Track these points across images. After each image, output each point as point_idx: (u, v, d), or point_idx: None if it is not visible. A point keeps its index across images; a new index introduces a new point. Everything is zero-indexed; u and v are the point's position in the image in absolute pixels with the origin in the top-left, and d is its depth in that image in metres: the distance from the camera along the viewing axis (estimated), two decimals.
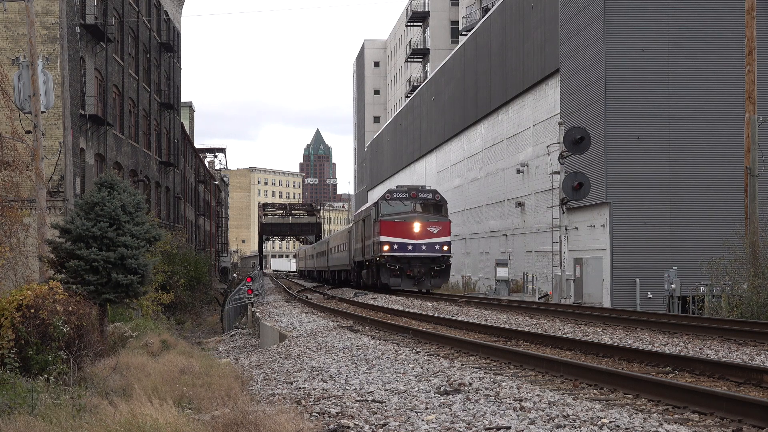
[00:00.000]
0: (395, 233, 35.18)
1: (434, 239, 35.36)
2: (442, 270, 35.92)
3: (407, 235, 35.19)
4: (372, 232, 37.48)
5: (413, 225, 35.27)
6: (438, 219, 35.95)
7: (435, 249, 35.34)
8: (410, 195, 36.49)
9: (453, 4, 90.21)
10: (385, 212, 36.22)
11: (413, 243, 35.20)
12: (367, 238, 39.40)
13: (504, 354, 12.70)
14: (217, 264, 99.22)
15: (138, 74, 50.74)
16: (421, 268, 35.29)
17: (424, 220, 35.50)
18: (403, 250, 35.17)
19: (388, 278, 35.32)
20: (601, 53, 34.56)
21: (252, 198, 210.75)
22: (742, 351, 12.32)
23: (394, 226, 35.30)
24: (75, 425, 7.90)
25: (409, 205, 36.31)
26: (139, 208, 18.77)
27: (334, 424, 8.12)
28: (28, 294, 14.12)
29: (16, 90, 23.10)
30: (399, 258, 35.17)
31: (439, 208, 36.71)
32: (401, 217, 35.61)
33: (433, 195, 36.81)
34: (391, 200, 36.56)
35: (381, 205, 36.67)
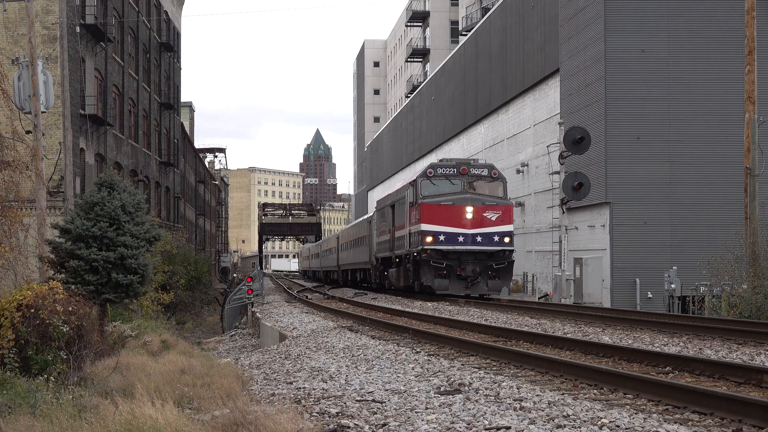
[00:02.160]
0: (441, 220, 27.91)
1: (492, 228, 27.98)
2: (503, 269, 28.28)
3: (457, 223, 27.80)
4: (407, 220, 30.19)
5: (464, 210, 28.02)
6: (497, 202, 28.53)
7: (493, 241, 27.92)
8: (459, 170, 28.80)
9: (453, 4, 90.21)
10: (426, 193, 28.77)
11: (465, 233, 27.90)
12: (397, 227, 32.48)
13: (504, 354, 12.70)
14: (217, 264, 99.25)
15: (138, 74, 50.74)
16: (475, 266, 27.72)
17: (479, 204, 28.14)
18: (451, 242, 27.80)
19: (432, 279, 27.73)
20: (601, 53, 34.57)
21: (252, 198, 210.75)
22: (742, 351, 12.32)
23: (440, 212, 28.02)
24: (75, 425, 7.90)
25: (458, 183, 28.72)
26: (139, 208, 18.79)
27: (334, 424, 8.12)
28: (28, 294, 14.13)
29: (16, 90, 23.10)
30: (446, 253, 27.75)
31: (497, 188, 29.17)
32: (448, 200, 28.32)
33: (488, 170, 29.21)
34: (434, 177, 28.84)
35: (421, 184, 28.87)
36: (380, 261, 37.12)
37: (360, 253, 45.01)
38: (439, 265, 27.85)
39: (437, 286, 27.99)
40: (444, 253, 27.89)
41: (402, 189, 32.59)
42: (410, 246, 29.71)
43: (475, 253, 27.93)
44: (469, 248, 27.93)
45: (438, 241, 27.89)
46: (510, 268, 28.62)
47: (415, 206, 29.19)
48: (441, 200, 28.46)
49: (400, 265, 32.40)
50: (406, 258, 30.74)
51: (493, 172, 29.26)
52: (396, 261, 32.89)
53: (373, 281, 41.19)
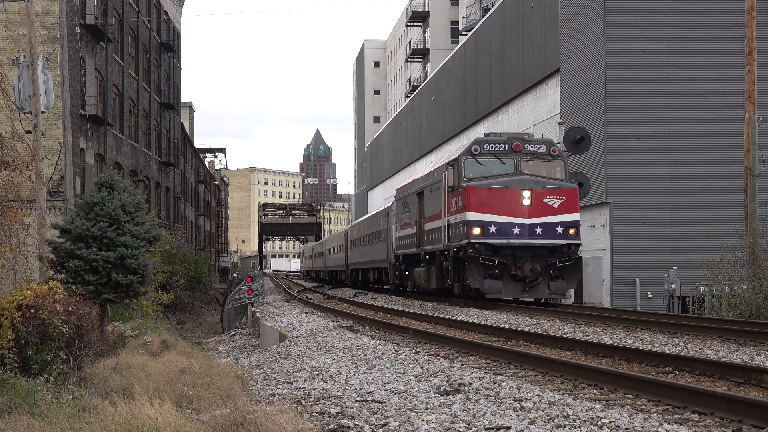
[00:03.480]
0: (491, 208, 23.16)
1: (555, 217, 23.28)
2: (568, 267, 23.37)
3: (511, 211, 23.13)
4: (445, 208, 25.45)
5: (521, 194, 23.18)
6: (559, 185, 23.61)
7: (556, 233, 23.14)
8: (512, 147, 23.87)
9: (453, 4, 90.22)
10: (472, 174, 23.80)
11: (521, 223, 23.12)
12: (428, 218, 27.71)
13: (504, 354, 12.70)
14: (217, 264, 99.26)
15: (138, 74, 50.75)
16: (534, 264, 22.91)
17: (539, 187, 23.35)
18: (504, 234, 23.02)
19: (480, 280, 22.87)
20: (601, 53, 34.57)
21: (252, 198, 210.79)
22: (742, 351, 12.32)
23: (490, 197, 23.23)
24: (75, 425, 7.90)
25: (510, 162, 23.86)
26: (139, 208, 18.79)
27: (334, 424, 8.12)
28: (28, 294, 14.13)
29: (16, 90, 23.11)
30: (498, 247, 22.92)
31: (558, 167, 24.22)
32: (501, 182, 23.42)
33: (547, 147, 24.22)
34: (481, 155, 23.94)
35: (465, 164, 23.91)
36: (402, 259, 32.36)
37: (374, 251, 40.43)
38: (489, 262, 22.77)
39: (487, 288, 22.85)
40: (495, 248, 22.94)
41: (435, 172, 27.22)
42: (450, 239, 24.70)
43: (534, 247, 23.12)
44: (527, 242, 23.03)
45: (488, 233, 22.94)
46: (577, 267, 23.69)
47: (457, 191, 24.12)
48: (492, 183, 23.36)
49: (431, 263, 27.50)
50: (443, 255, 25.74)
51: (552, 149, 24.16)
52: (426, 258, 27.93)
53: (390, 282, 36.28)
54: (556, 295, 23.65)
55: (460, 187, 23.84)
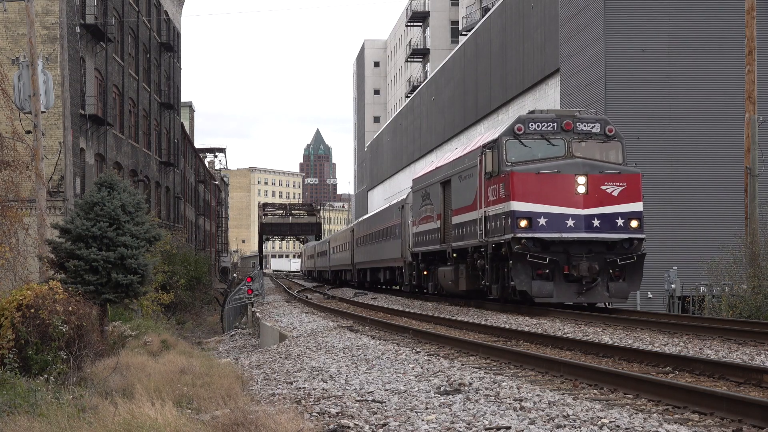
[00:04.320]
0: (540, 196, 20.07)
1: (614, 207, 20.25)
2: (631, 266, 20.23)
3: (564, 200, 20.07)
4: (480, 198, 22.23)
5: (575, 181, 20.14)
6: (619, 169, 20.67)
7: (616, 225, 20.15)
8: (562, 126, 20.83)
9: (453, 4, 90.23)
10: (516, 157, 20.69)
11: (576, 214, 20.05)
12: (456, 211, 24.63)
13: (504, 354, 12.70)
14: (217, 264, 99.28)
15: (138, 74, 50.75)
16: (592, 263, 19.80)
17: (596, 172, 20.36)
18: (556, 227, 19.93)
19: (528, 281, 19.76)
20: (601, 53, 34.58)
21: (252, 198, 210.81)
22: (742, 351, 12.32)
23: (539, 184, 20.17)
24: (75, 425, 7.90)
25: (560, 143, 20.80)
26: (139, 208, 18.80)
27: (334, 424, 8.12)
28: (28, 294, 14.14)
29: (16, 90, 23.11)
30: (549, 243, 19.88)
31: (614, 150, 21.27)
32: (551, 167, 20.32)
33: (602, 126, 21.17)
34: (526, 135, 20.83)
35: (508, 145, 20.80)
36: (420, 257, 29.35)
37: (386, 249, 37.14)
38: (539, 260, 19.64)
39: (537, 291, 19.71)
40: (545, 244, 19.86)
41: (466, 157, 24.04)
42: (487, 234, 21.53)
43: (591, 243, 20.06)
44: (583, 236, 19.94)
45: (536, 226, 19.86)
46: (640, 266, 20.32)
47: (497, 178, 20.96)
48: (540, 168, 20.29)
49: (459, 261, 24.52)
50: (477, 252, 22.78)
51: (608, 129, 21.10)
52: (453, 257, 24.88)
53: (406, 283, 33.09)
54: (616, 298, 20.35)
55: (502, 172, 20.64)
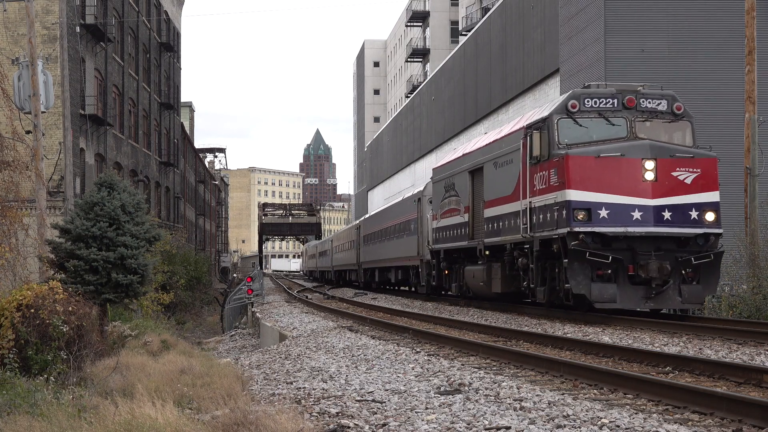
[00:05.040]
0: (601, 184, 17.34)
1: (688, 197, 17.58)
2: (707, 265, 17.56)
3: (628, 188, 17.37)
4: (524, 187, 19.47)
5: (641, 166, 17.44)
6: (692, 153, 18.00)
7: (689, 218, 17.49)
8: (623, 102, 18.23)
9: (453, 4, 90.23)
10: (569, 139, 18.04)
11: (643, 205, 17.35)
12: (489, 203, 21.98)
13: (504, 354, 12.71)
14: (217, 264, 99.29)
15: (138, 74, 50.76)
16: (662, 262, 17.06)
17: (666, 155, 17.64)
18: (619, 220, 17.24)
19: (587, 283, 17.04)
20: (601, 53, 34.58)
21: (252, 198, 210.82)
22: (742, 351, 12.32)
23: (598, 169, 17.41)
24: (75, 425, 7.90)
25: (621, 123, 18.14)
26: (139, 208, 18.80)
27: (334, 424, 8.12)
28: (28, 294, 14.13)
29: (16, 90, 23.10)
30: (610, 238, 17.23)
31: (683, 131, 18.66)
32: (613, 149, 17.59)
33: (669, 103, 18.61)
34: (581, 113, 18.19)
35: (560, 125, 18.15)
36: (443, 255, 26.72)
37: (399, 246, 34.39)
38: (600, 259, 16.92)
39: (597, 294, 16.98)
40: (607, 240, 17.20)
41: (503, 141, 21.33)
42: (533, 228, 18.86)
43: (660, 238, 17.35)
44: (651, 230, 17.26)
45: (597, 219, 17.18)
46: (717, 266, 17.73)
47: (546, 163, 18.27)
48: (601, 150, 17.59)
49: (493, 260, 21.94)
50: (518, 249, 20.13)
51: (676, 106, 18.55)
52: (485, 255, 22.27)
53: (422, 283, 30.61)
54: (690, 304, 17.69)
55: (554, 156, 17.90)
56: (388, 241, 37.68)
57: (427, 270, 29.55)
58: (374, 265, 41.78)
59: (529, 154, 19.18)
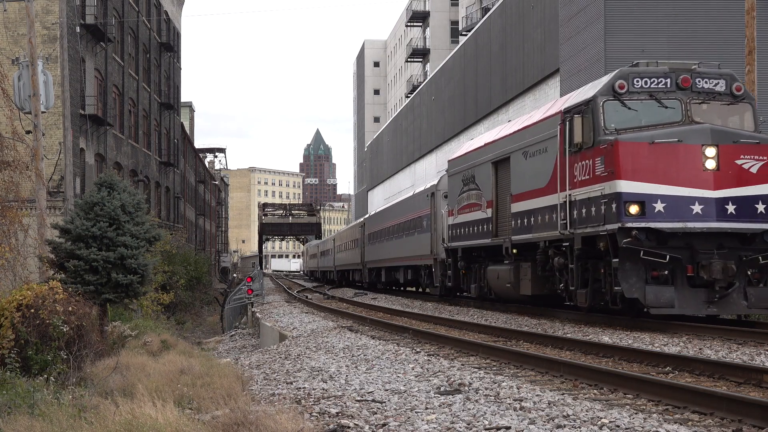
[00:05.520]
0: (655, 173, 15.65)
1: (754, 188, 15.86)
2: None
3: (687, 179, 15.66)
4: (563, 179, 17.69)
5: (701, 153, 15.72)
6: (757, 138, 16.22)
7: (756, 213, 15.78)
8: (677, 82, 16.42)
9: (453, 4, 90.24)
10: (617, 123, 16.31)
11: (705, 197, 15.64)
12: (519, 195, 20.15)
13: (504, 354, 12.71)
14: (217, 264, 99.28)
15: (138, 74, 50.76)
16: (726, 262, 15.37)
17: (728, 141, 15.87)
18: (677, 214, 15.52)
19: (641, 286, 15.38)
20: (601, 53, 34.58)
21: (252, 198, 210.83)
22: (742, 351, 12.33)
23: (652, 157, 15.68)
24: (75, 425, 7.91)
25: (676, 105, 16.39)
26: (139, 208, 18.80)
27: (334, 424, 8.12)
28: (28, 294, 14.14)
29: (16, 90, 23.10)
30: (667, 235, 15.49)
31: (743, 114, 16.92)
32: (668, 135, 15.87)
33: (727, 83, 16.78)
34: (630, 94, 16.45)
35: (606, 108, 16.43)
36: (461, 254, 24.99)
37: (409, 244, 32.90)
38: (656, 259, 15.26)
39: (653, 299, 15.26)
40: (663, 236, 15.49)
41: (535, 127, 19.55)
42: (573, 224, 17.11)
43: (723, 235, 15.64)
44: (714, 226, 15.55)
45: (652, 213, 15.50)
46: None
47: (591, 150, 16.51)
48: (656, 136, 15.82)
49: (522, 259, 20.32)
50: (553, 247, 18.38)
51: (736, 87, 16.77)
52: (512, 253, 20.65)
53: (436, 284, 28.88)
54: (757, 309, 16.01)
55: (600, 142, 16.19)
56: (396, 239, 36.17)
57: (442, 270, 27.81)
58: (380, 264, 40.16)
59: (568, 141, 17.47)
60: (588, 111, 16.77)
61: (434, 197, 29.73)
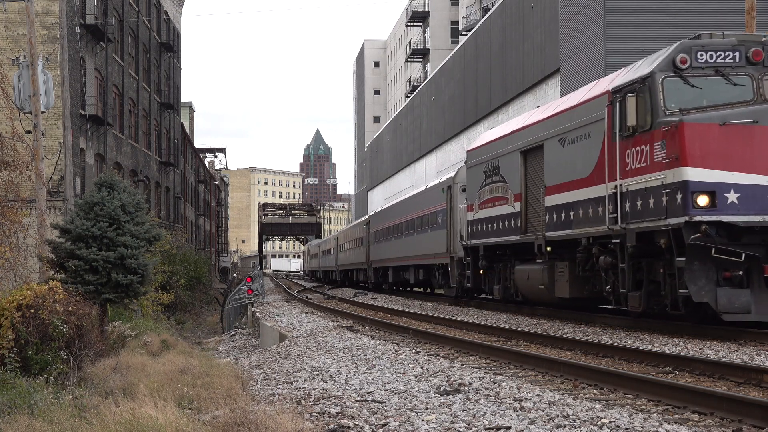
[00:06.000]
0: (726, 160, 13.88)
1: None
2: None
3: (763, 166, 13.89)
4: (612, 166, 15.75)
5: None
6: None
7: None
8: (747, 56, 14.61)
9: (453, 4, 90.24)
10: (677, 103, 14.52)
11: None
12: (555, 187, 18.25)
13: (504, 354, 12.71)
14: (217, 264, 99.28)
15: (138, 74, 50.76)
16: None
17: None
18: (754, 205, 13.79)
19: (711, 288, 13.58)
20: (601, 53, 34.58)
21: (252, 198, 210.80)
22: (742, 351, 12.32)
23: (723, 141, 13.90)
24: (75, 425, 7.91)
25: (745, 82, 14.50)
26: (139, 208, 18.82)
27: (334, 424, 8.12)
28: (28, 294, 14.14)
29: (16, 90, 23.10)
30: (742, 230, 13.72)
31: None
32: (741, 116, 14.09)
33: None
34: (693, 70, 14.58)
35: (666, 85, 14.59)
36: (482, 252, 22.97)
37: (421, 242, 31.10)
38: (730, 257, 13.47)
39: (726, 303, 13.50)
40: (738, 231, 13.74)
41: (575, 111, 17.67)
42: (624, 218, 15.21)
43: None
44: None
45: (724, 204, 13.73)
46: None
47: (648, 134, 14.66)
48: (727, 116, 14.01)
49: (557, 257, 18.46)
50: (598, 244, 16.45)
51: None
52: (545, 252, 18.79)
53: (453, 284, 27.04)
54: None
55: (661, 125, 14.32)
56: (406, 236, 34.17)
57: (459, 269, 25.76)
58: (387, 264, 38.25)
59: (618, 124, 15.51)
60: (644, 89, 14.81)
61: (451, 191, 27.59)
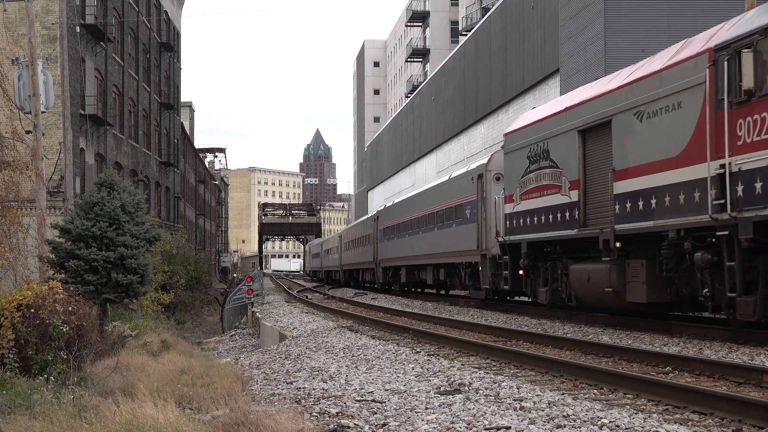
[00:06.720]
0: None
1: None
2: None
3: None
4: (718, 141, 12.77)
5: None
6: None
7: None
8: None
9: (453, 4, 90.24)
10: None
11: None
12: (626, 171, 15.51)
13: (504, 354, 12.71)
14: (217, 264, 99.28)
15: (138, 74, 50.76)
16: None
17: None
18: None
19: None
20: (601, 53, 34.58)
21: (252, 198, 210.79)
22: (742, 351, 12.32)
23: None
24: (75, 425, 7.91)
25: None
26: (139, 208, 18.82)
27: (334, 424, 8.12)
28: (28, 294, 14.14)
29: (16, 90, 23.09)
30: None
31: None
32: None
33: None
34: None
35: None
36: (526, 250, 19.98)
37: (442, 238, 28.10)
38: None
39: None
40: None
41: (652, 79, 14.80)
42: (736, 205, 12.40)
43: None
44: None
45: None
46: None
47: None
48: None
49: (630, 256, 15.76)
50: (687, 238, 13.70)
51: None
52: (613, 248, 15.87)
53: (485, 286, 23.80)
54: None
55: None
56: (424, 232, 30.91)
57: (493, 269, 22.96)
58: (399, 262, 34.91)
59: (726, 88, 12.62)
60: (764, 43, 11.98)
61: (483, 180, 24.24)
